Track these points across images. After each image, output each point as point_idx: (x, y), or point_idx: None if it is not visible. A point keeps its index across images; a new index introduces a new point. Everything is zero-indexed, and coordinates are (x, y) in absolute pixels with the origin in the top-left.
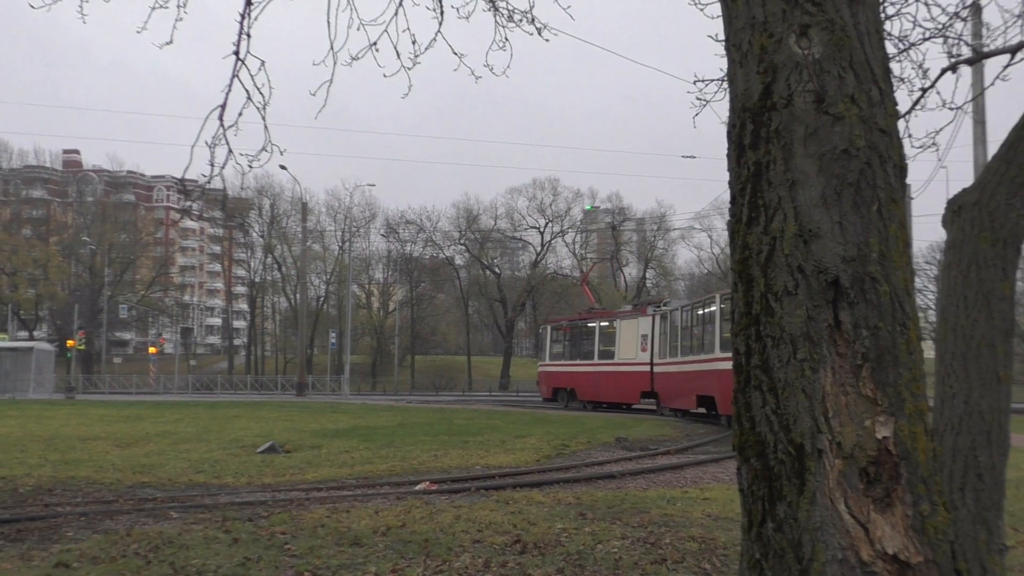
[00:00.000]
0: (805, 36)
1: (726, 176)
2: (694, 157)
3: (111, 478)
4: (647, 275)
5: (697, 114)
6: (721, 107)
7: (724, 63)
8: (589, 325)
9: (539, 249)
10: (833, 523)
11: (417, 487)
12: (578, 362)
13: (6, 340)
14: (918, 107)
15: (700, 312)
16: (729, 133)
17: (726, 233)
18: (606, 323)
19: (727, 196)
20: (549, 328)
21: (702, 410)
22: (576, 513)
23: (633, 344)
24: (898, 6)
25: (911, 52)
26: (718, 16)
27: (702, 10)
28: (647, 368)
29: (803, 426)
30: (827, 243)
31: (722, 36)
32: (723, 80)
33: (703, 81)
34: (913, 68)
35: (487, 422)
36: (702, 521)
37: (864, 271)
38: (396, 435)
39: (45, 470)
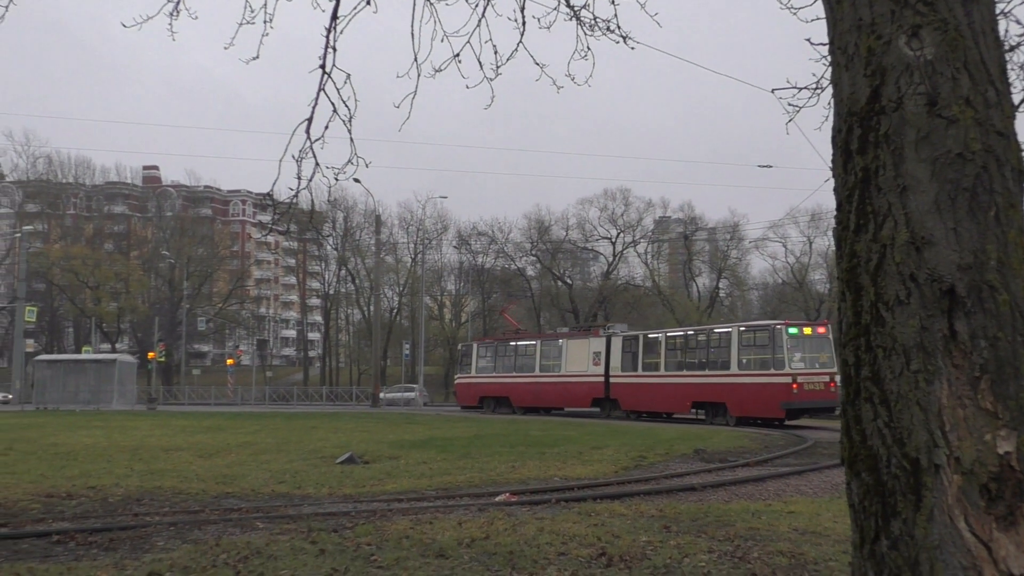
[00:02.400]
0: (916, 37)
1: (802, 185)
2: (770, 166)
3: (196, 488)
4: (720, 285)
5: (789, 121)
6: (805, 115)
7: (816, 68)
8: (529, 343)
9: (611, 259)
10: (953, 542)
11: (497, 498)
12: (513, 374)
13: (90, 353)
14: (1020, 110)
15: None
16: (834, 138)
17: (801, 243)
18: (549, 342)
19: (804, 205)
20: (475, 346)
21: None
22: (660, 526)
23: (584, 359)
24: (1001, 5)
25: (1014, 54)
26: (813, 19)
27: (795, 13)
28: (601, 379)
29: (918, 440)
30: (941, 250)
31: (817, 40)
32: (815, 87)
33: (793, 87)
34: (1014, 70)
35: (562, 433)
36: (789, 535)
37: (981, 279)
38: (472, 446)
39: (132, 480)
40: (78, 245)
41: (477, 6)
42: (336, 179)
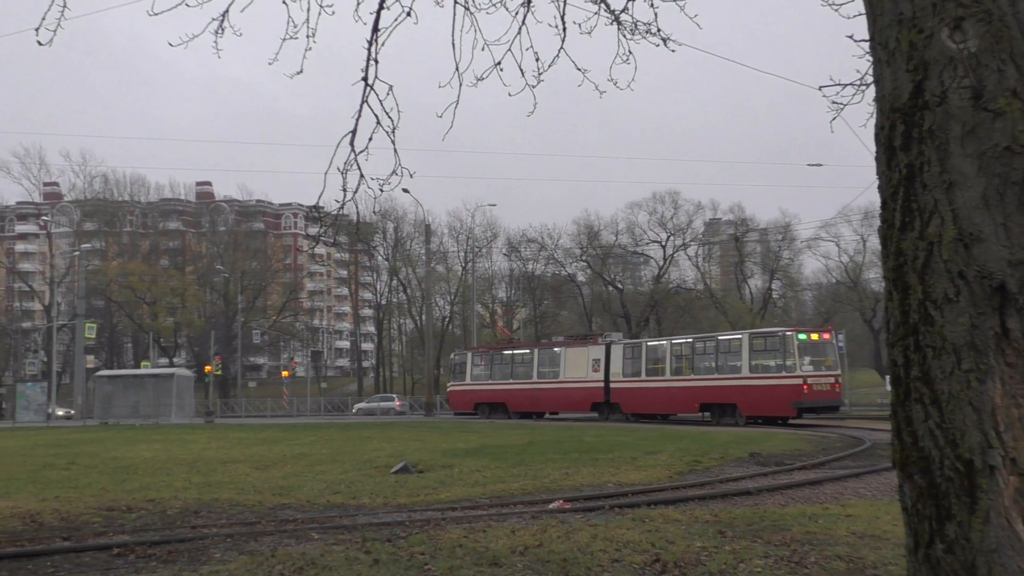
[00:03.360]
0: (959, 29)
1: (854, 182)
2: (820, 165)
3: (252, 500)
4: (772, 286)
5: (833, 119)
6: (852, 111)
7: (860, 64)
8: (525, 352)
9: (661, 263)
10: (1011, 544)
11: (551, 505)
12: (510, 381)
13: (149, 367)
14: None
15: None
16: (877, 135)
17: (854, 242)
18: (546, 350)
19: (856, 203)
20: (470, 355)
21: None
22: (714, 531)
23: (583, 366)
24: None
25: None
26: (855, 16)
27: (836, 10)
28: (601, 385)
29: (972, 441)
30: (990, 246)
31: (859, 36)
32: (859, 83)
33: (837, 85)
34: None
35: (616, 439)
36: (847, 539)
37: None
38: (526, 453)
39: (190, 492)
40: (135, 262)
41: (517, 14)
42: (381, 190)
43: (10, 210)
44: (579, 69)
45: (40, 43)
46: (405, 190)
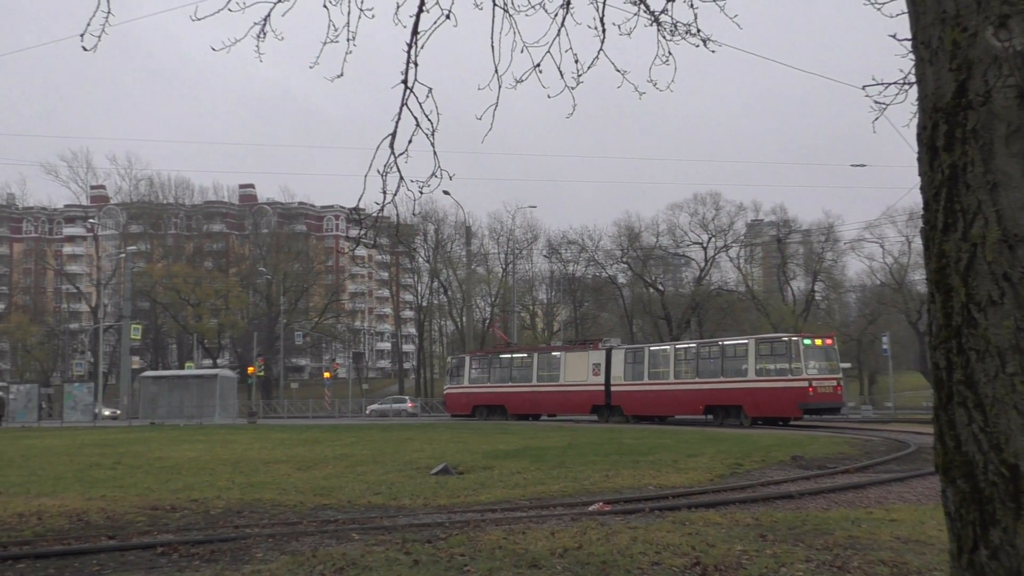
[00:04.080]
0: (1004, 27)
1: (898, 183)
2: (864, 165)
3: (294, 500)
4: (815, 288)
5: (876, 119)
6: (895, 111)
7: (903, 64)
8: (524, 356)
9: (703, 265)
10: None
11: (591, 508)
12: (509, 384)
13: (193, 368)
14: None
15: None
16: (919, 135)
17: (899, 243)
18: (546, 355)
19: (901, 204)
20: (468, 359)
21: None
22: (756, 534)
23: (584, 370)
24: None
25: None
26: (897, 14)
27: (879, 9)
28: (601, 388)
29: (1017, 445)
30: None
31: (902, 35)
32: (903, 82)
33: (880, 84)
34: None
35: (657, 441)
36: (891, 544)
37: None
38: (566, 455)
39: (233, 492)
40: (179, 264)
41: (556, 15)
42: (421, 192)
43: (58, 213)
44: (618, 70)
45: (85, 48)
46: (446, 192)
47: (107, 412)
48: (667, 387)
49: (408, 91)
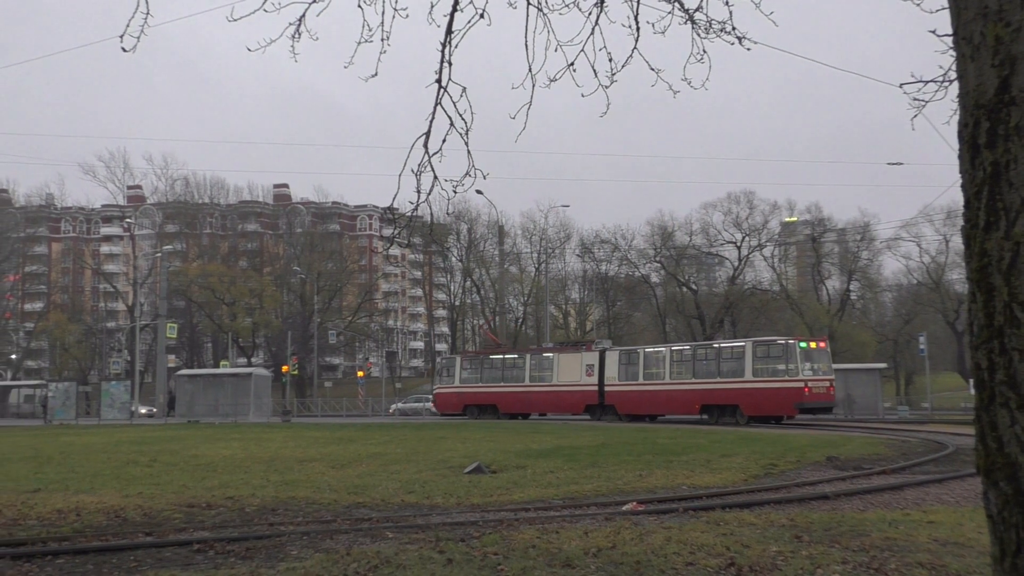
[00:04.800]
0: None
1: (936, 181)
2: (900, 164)
3: (328, 498)
4: (851, 287)
5: (915, 116)
6: (934, 108)
7: (943, 60)
8: (516, 357)
9: (736, 264)
10: None
11: (624, 507)
12: (501, 384)
13: (228, 367)
14: None
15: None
16: (960, 133)
17: (936, 242)
18: (538, 356)
19: (939, 202)
20: (458, 359)
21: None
22: (790, 535)
23: (577, 371)
24: None
25: None
26: (937, 10)
27: (918, 4)
28: (594, 388)
29: None
30: None
31: (942, 30)
32: (942, 79)
33: (919, 81)
34: None
35: (690, 441)
36: (929, 546)
37: None
38: (599, 455)
39: (268, 490)
40: (214, 263)
41: (590, 14)
42: (455, 191)
43: (96, 213)
44: (652, 69)
45: (124, 50)
46: (479, 191)
47: (143, 410)
48: (662, 387)
49: (442, 90)
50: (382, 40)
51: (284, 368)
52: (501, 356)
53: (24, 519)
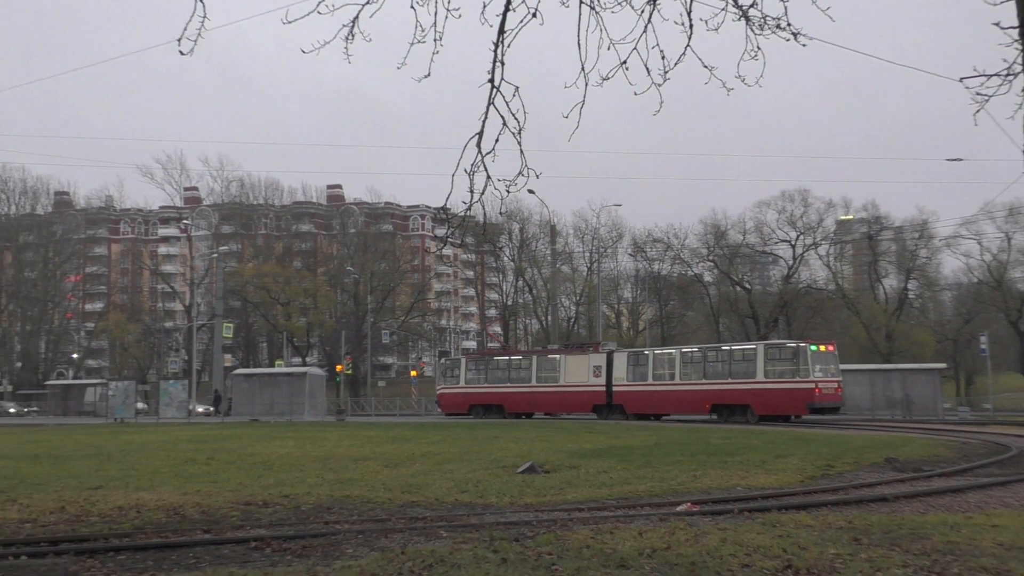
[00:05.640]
0: None
1: (997, 177)
2: (960, 160)
3: (382, 497)
4: (908, 286)
5: (977, 111)
6: (997, 103)
7: (1006, 53)
8: (522, 358)
9: (791, 263)
10: None
11: (678, 508)
12: (508, 385)
13: (283, 366)
14: None
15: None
16: None
17: (998, 239)
18: (545, 357)
19: (1000, 199)
20: (463, 360)
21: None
22: (849, 538)
23: (584, 372)
24: None
25: None
26: (1001, 2)
27: None
28: (602, 389)
29: None
30: None
31: (1007, 23)
32: (1006, 73)
33: (981, 76)
34: None
35: (745, 441)
36: (993, 551)
37: None
38: (653, 455)
39: (323, 489)
40: (269, 263)
41: (643, 12)
42: (508, 191)
43: (154, 214)
44: (706, 66)
45: (182, 53)
46: (531, 191)
47: (200, 409)
48: (672, 388)
49: (495, 90)
50: (435, 40)
51: (338, 367)
52: (507, 357)
53: (86, 515)
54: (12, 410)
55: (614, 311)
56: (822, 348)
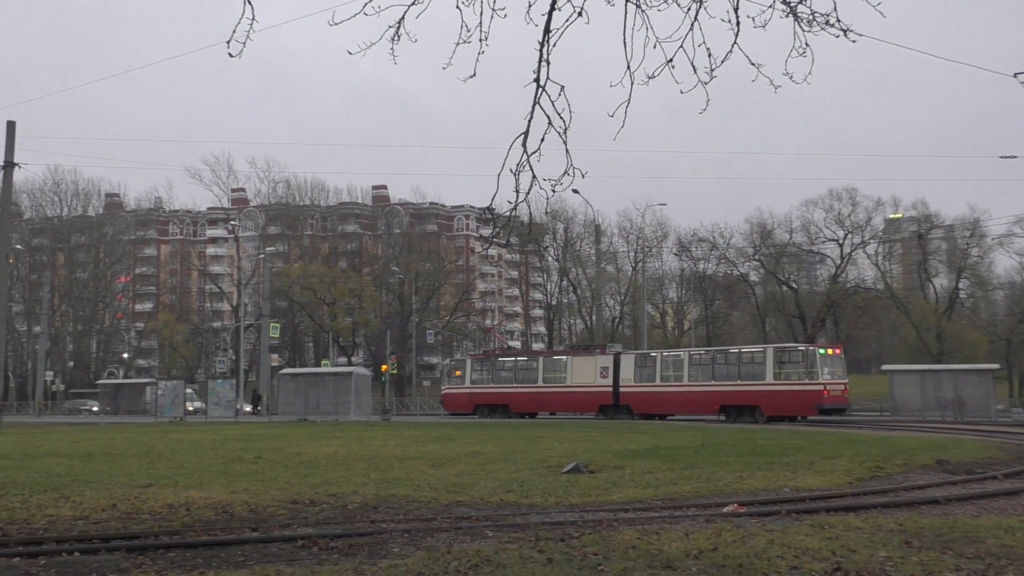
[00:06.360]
0: None
1: None
2: (1014, 157)
3: (428, 496)
4: (960, 285)
5: None
6: None
7: None
8: (529, 360)
9: (838, 262)
10: None
11: (725, 509)
12: (514, 385)
13: (329, 366)
14: None
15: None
16: None
17: None
18: (551, 359)
19: None
20: (469, 361)
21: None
22: (900, 540)
23: (591, 373)
24: None
25: None
26: None
27: None
28: (609, 389)
29: None
30: None
31: None
32: None
33: None
34: None
35: (791, 442)
36: None
37: None
38: (698, 455)
39: (369, 488)
40: (315, 264)
41: (689, 9)
42: (553, 191)
43: (202, 216)
44: (753, 64)
45: (231, 55)
46: (575, 191)
47: (248, 408)
48: (681, 388)
49: (540, 89)
50: (480, 40)
51: (383, 367)
52: (513, 359)
53: (137, 513)
54: (95, 408)
55: (659, 311)
56: (830, 351)
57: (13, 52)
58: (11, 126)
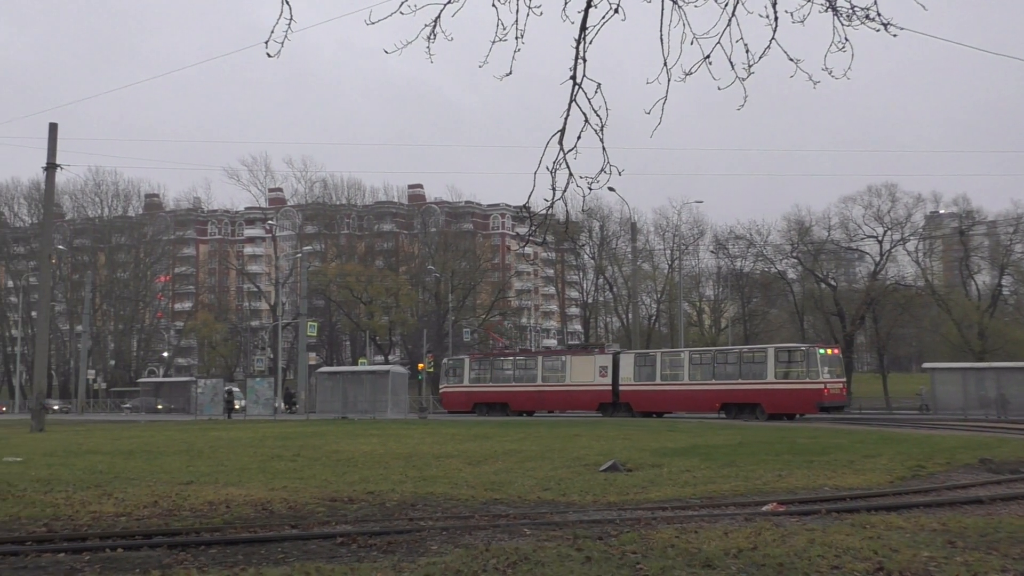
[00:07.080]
0: None
1: None
2: None
3: (466, 494)
4: (1003, 282)
5: None
6: None
7: None
8: (528, 360)
9: (878, 259)
10: None
11: (764, 508)
12: (512, 384)
13: (366, 364)
14: None
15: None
16: None
17: None
18: (550, 358)
19: None
20: (467, 360)
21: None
22: (943, 540)
23: (590, 372)
24: None
25: None
26: None
27: None
28: (608, 388)
29: None
30: None
31: None
32: None
33: None
34: None
35: (831, 441)
36: None
37: None
38: (736, 454)
39: (407, 486)
40: (352, 263)
41: (727, 5)
42: (590, 188)
43: (240, 215)
44: (791, 59)
45: (269, 55)
46: (611, 188)
47: (283, 406)
48: (681, 387)
49: (577, 87)
50: (516, 39)
51: (420, 365)
52: (512, 358)
53: (178, 510)
54: (160, 407)
55: (696, 309)
56: (829, 351)
57: (50, 55)
58: (53, 128)
